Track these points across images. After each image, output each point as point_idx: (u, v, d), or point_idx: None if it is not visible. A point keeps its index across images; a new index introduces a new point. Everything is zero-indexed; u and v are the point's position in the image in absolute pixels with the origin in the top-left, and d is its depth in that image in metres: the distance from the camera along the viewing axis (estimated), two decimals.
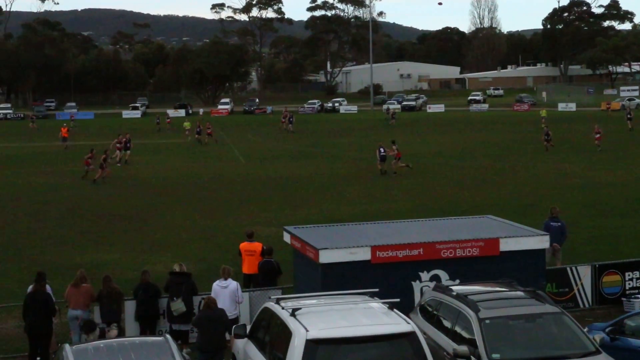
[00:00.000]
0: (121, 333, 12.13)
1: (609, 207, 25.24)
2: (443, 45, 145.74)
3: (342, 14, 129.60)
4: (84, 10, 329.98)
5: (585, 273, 14.91)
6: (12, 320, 13.00)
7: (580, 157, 39.66)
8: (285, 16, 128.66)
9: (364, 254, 12.21)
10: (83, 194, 30.56)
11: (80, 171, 34.93)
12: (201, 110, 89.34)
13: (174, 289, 12.83)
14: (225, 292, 12.60)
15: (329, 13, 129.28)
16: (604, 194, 27.96)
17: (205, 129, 51.37)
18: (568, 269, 14.95)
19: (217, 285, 12.74)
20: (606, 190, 28.94)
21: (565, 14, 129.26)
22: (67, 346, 9.50)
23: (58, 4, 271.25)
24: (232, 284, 12.72)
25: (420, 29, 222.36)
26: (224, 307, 12.44)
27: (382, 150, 34.58)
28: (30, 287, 12.46)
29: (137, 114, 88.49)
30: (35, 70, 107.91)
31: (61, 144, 49.09)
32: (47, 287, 12.65)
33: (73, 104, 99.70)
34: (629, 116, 55.93)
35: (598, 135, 42.09)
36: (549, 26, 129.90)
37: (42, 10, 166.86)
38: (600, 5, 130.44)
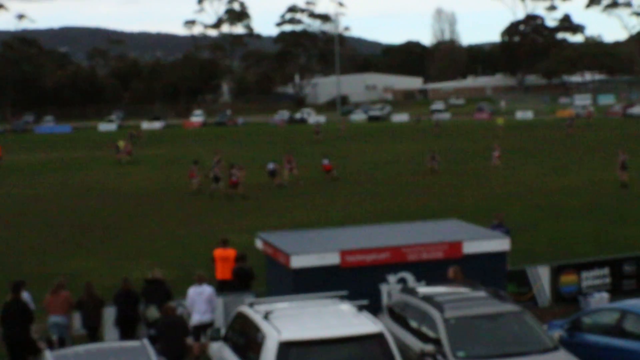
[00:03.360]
0: (100, 339, 12.34)
1: (564, 210, 25.95)
2: (406, 57, 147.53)
3: (309, 29, 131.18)
4: (60, 28, 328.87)
5: (543, 273, 15.36)
6: None
7: (537, 163, 40.75)
8: (255, 31, 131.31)
9: (333, 259, 12.39)
10: (61, 205, 30.82)
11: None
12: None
13: (148, 296, 13.07)
14: (201, 297, 12.84)
15: (297, 28, 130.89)
16: (559, 198, 28.73)
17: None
18: (527, 269, 15.37)
19: (192, 291, 12.96)
20: (561, 194, 29.74)
21: (522, 27, 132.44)
22: (47, 351, 9.70)
23: (35, 22, 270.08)
24: (207, 290, 12.96)
25: (384, 42, 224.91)
26: (200, 312, 12.72)
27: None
28: (8, 296, 12.58)
29: (112, 126, 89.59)
30: (14, 85, 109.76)
31: None
32: (26, 294, 12.77)
33: (50, 117, 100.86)
34: (568, 122, 58.11)
35: (497, 154, 39.51)
36: (507, 38, 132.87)
37: (20, 28, 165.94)
38: (554, 19, 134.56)
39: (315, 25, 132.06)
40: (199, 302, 12.79)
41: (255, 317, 9.77)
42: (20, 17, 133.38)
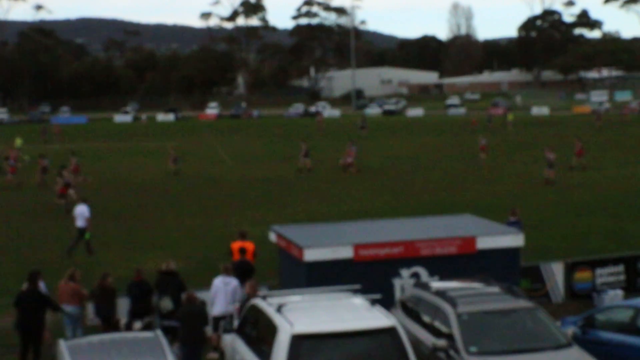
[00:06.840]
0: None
1: (579, 207, 25.86)
2: (422, 51, 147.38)
3: (325, 22, 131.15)
4: (77, 19, 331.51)
5: (557, 270, 15.35)
6: (9, 317, 13.24)
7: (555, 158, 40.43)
8: (270, 24, 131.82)
9: (346, 252, 12.45)
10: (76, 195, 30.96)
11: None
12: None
13: (162, 287, 13.10)
14: (226, 288, 12.72)
15: (312, 21, 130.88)
16: (574, 194, 28.63)
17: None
18: (541, 265, 15.34)
19: (219, 281, 12.83)
20: (576, 190, 29.62)
21: (539, 22, 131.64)
22: (61, 341, 9.76)
23: (52, 12, 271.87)
24: (234, 282, 12.83)
25: (400, 36, 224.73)
26: (225, 303, 12.61)
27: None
28: (24, 285, 12.67)
29: (128, 118, 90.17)
30: (31, 76, 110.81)
31: None
32: (42, 284, 12.85)
33: (66, 108, 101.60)
34: (596, 117, 59.41)
35: (482, 145, 39.03)
36: (523, 33, 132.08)
37: (37, 19, 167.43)
38: (571, 14, 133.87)
39: (331, 18, 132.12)
40: (224, 293, 12.66)
41: (268, 309, 9.80)
42: (38, 7, 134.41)
